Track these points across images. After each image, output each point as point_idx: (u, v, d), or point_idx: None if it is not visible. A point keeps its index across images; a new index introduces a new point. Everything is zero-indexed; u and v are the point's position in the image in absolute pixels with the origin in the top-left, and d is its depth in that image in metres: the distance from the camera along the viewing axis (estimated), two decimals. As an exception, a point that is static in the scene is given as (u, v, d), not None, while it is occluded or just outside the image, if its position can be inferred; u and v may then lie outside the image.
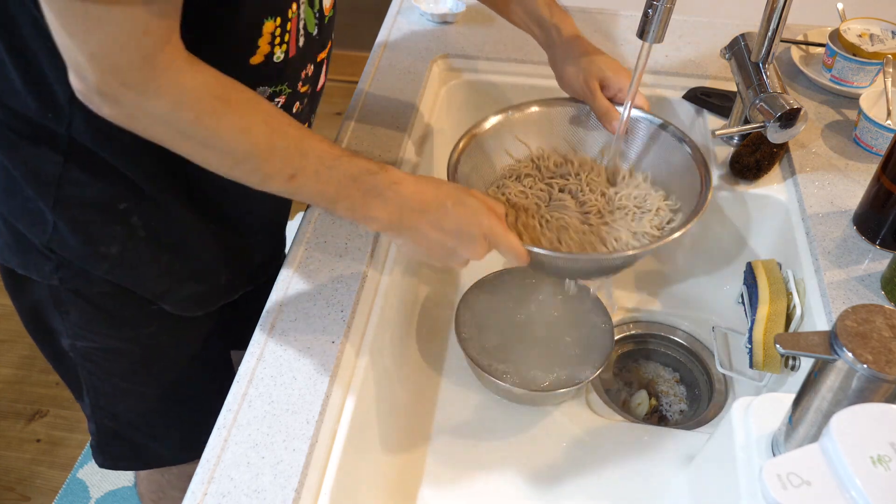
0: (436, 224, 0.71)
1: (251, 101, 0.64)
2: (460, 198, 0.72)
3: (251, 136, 0.63)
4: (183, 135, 0.62)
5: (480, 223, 0.71)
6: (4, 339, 1.92)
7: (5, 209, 0.76)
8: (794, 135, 0.92)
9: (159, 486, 1.08)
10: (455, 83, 1.17)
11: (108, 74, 0.57)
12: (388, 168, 0.70)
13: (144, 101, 0.59)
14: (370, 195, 0.68)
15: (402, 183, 0.70)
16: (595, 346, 0.92)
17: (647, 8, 0.78)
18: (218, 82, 0.62)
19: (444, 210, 0.71)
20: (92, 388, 0.90)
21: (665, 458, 0.87)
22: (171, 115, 0.61)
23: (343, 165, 0.67)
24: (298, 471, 0.66)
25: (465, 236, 0.71)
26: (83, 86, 0.59)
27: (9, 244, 0.79)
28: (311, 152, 0.66)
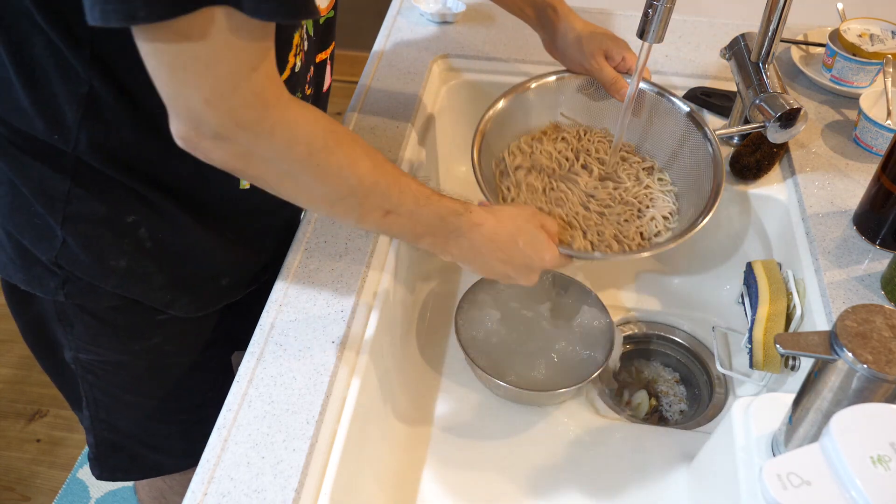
0: (505, 260, 0.77)
1: (354, 138, 0.66)
2: (532, 235, 0.78)
3: (357, 172, 0.65)
4: (290, 173, 0.63)
5: (543, 259, 0.78)
6: (4, 340, 1.92)
7: (11, 225, 0.76)
8: (794, 135, 0.93)
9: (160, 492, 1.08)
10: (455, 83, 1.17)
11: (226, 117, 0.57)
12: (472, 209, 0.75)
13: (258, 141, 0.60)
14: (453, 235, 0.74)
15: (483, 224, 0.75)
16: (595, 346, 0.92)
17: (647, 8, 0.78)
18: (325, 118, 0.64)
19: (516, 248, 0.77)
20: (93, 400, 0.90)
21: (665, 458, 0.87)
22: (285, 151, 0.61)
23: (433, 205, 0.71)
24: (298, 471, 0.66)
25: (527, 270, 0.79)
26: (196, 133, 0.58)
27: (13, 260, 0.78)
28: (407, 190, 0.69)
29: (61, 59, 0.64)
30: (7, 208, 0.75)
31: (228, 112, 0.57)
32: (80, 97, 0.66)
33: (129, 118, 0.68)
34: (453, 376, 0.96)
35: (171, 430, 0.95)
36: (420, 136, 1.04)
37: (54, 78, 0.65)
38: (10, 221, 0.75)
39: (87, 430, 0.93)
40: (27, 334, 0.88)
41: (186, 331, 0.88)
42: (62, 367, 0.89)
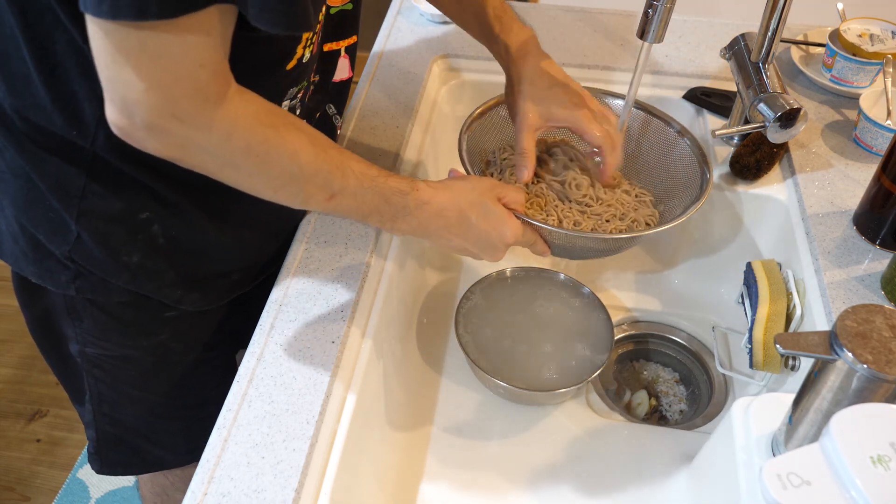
0: (460, 235, 0.76)
1: (296, 126, 0.66)
2: (485, 208, 0.76)
3: (298, 160, 0.65)
4: (230, 164, 0.63)
5: (502, 234, 0.77)
6: (4, 339, 1.92)
7: (26, 219, 0.76)
8: (794, 135, 0.93)
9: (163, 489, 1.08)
10: (455, 83, 1.17)
11: (161, 108, 0.57)
12: (419, 187, 0.74)
13: (195, 134, 0.59)
14: (400, 214, 0.73)
15: (430, 202, 0.74)
16: (595, 346, 0.92)
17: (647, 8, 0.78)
18: (266, 110, 0.64)
19: (469, 224, 0.75)
20: (97, 394, 0.90)
21: (665, 458, 0.87)
22: (222, 146, 0.61)
23: (378, 186, 0.71)
24: (298, 471, 0.66)
25: (487, 246, 0.77)
26: (127, 122, 0.58)
27: (25, 253, 0.78)
28: (350, 173, 0.69)
29: (82, 56, 0.64)
30: (22, 202, 0.75)
31: (165, 103, 0.57)
32: (100, 95, 0.66)
33: None
34: (453, 376, 0.96)
35: (173, 425, 0.96)
36: (420, 136, 1.04)
37: (75, 75, 0.66)
38: (24, 215, 0.76)
39: (88, 424, 0.93)
40: (34, 326, 0.89)
41: (193, 328, 0.89)
42: (66, 360, 0.89)
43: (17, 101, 0.69)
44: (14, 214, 0.77)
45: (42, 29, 0.64)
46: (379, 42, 1.20)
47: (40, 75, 0.66)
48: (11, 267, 0.82)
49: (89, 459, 0.97)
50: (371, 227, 0.87)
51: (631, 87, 0.88)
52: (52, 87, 0.67)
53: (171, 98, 0.57)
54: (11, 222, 0.78)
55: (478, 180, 0.79)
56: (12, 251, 0.80)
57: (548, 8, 1.27)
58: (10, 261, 0.81)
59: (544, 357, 0.91)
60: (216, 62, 0.58)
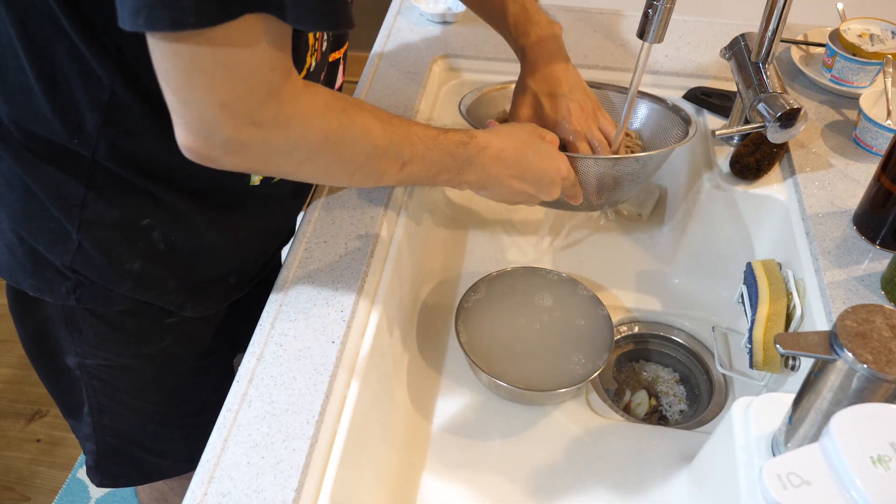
0: (519, 177, 0.79)
1: (360, 105, 0.67)
2: (537, 146, 0.80)
3: (371, 139, 0.66)
4: (308, 159, 0.64)
5: (558, 168, 0.81)
6: (4, 340, 1.92)
7: (25, 230, 0.75)
8: (794, 135, 0.93)
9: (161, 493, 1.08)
10: (455, 83, 1.17)
11: (240, 119, 0.57)
12: (475, 135, 0.77)
13: (274, 136, 0.60)
14: (465, 166, 0.76)
15: (489, 146, 0.77)
16: (595, 346, 0.92)
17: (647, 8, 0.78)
18: (333, 96, 0.65)
19: (527, 162, 0.79)
20: (96, 406, 0.89)
21: (665, 458, 0.87)
22: (301, 140, 0.62)
23: (441, 143, 0.73)
24: (298, 471, 0.66)
25: (544, 182, 0.81)
26: (205, 143, 0.58)
27: (23, 265, 0.77)
28: (417, 139, 0.71)
29: (84, 65, 0.64)
30: (21, 213, 0.74)
31: (245, 113, 0.57)
32: (101, 103, 0.66)
33: (150, 123, 0.68)
34: (453, 376, 0.96)
35: (173, 433, 0.95)
36: (420, 136, 1.04)
37: (76, 84, 0.65)
38: (23, 226, 0.75)
39: (87, 437, 0.92)
40: (28, 341, 0.88)
41: (194, 334, 0.89)
42: (62, 373, 0.88)
43: (16, 111, 0.68)
44: (11, 226, 0.76)
45: (42, 37, 0.63)
46: (379, 42, 1.20)
47: (40, 84, 0.66)
48: (7, 281, 0.81)
49: (88, 473, 0.96)
50: (371, 227, 0.87)
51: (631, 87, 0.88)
52: (53, 96, 0.66)
53: (250, 107, 0.57)
54: (8, 234, 0.77)
55: (519, 125, 0.83)
56: (8, 264, 0.79)
57: (548, 8, 1.27)
58: (6, 274, 0.80)
59: (544, 357, 0.91)
60: (284, 62, 0.58)
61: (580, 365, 0.90)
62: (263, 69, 0.56)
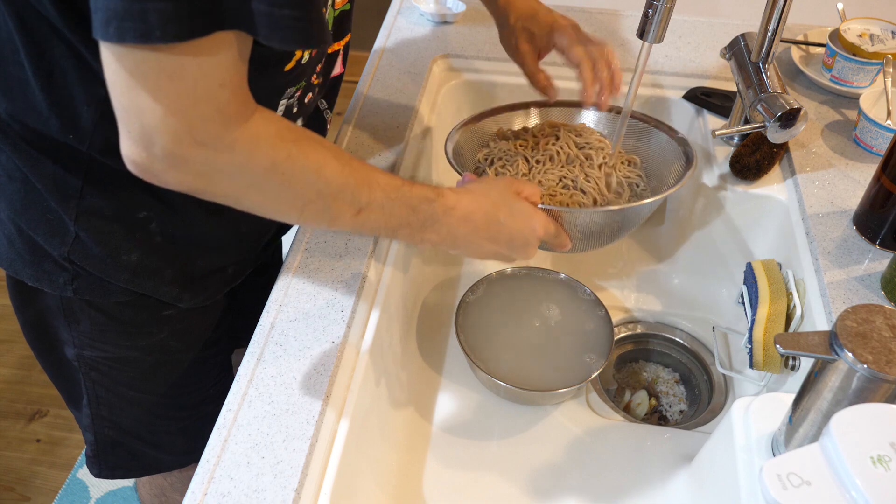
0: (490, 238, 0.74)
1: (317, 141, 0.64)
2: (511, 207, 0.75)
3: (324, 175, 0.63)
4: (254, 186, 0.61)
5: (533, 229, 0.76)
6: (4, 340, 1.92)
7: (23, 221, 0.76)
8: (794, 135, 0.93)
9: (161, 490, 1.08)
10: (455, 83, 1.17)
11: (181, 134, 0.54)
12: (444, 193, 0.72)
13: (217, 157, 0.57)
14: (428, 223, 0.71)
15: (456, 207, 0.72)
16: (595, 346, 0.92)
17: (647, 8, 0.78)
18: (287, 127, 0.62)
19: (498, 224, 0.74)
20: (94, 397, 0.90)
21: (665, 458, 0.87)
22: (246, 166, 0.59)
23: (404, 196, 0.69)
24: (298, 471, 0.66)
25: (518, 243, 0.76)
26: (146, 154, 0.56)
27: (22, 256, 0.78)
28: (376, 185, 0.67)
29: (82, 62, 0.64)
30: (20, 204, 0.75)
31: (185, 129, 0.54)
32: (98, 99, 0.66)
33: None
34: (453, 376, 0.96)
35: (172, 426, 0.96)
36: (420, 137, 1.04)
37: (73, 80, 0.65)
38: (22, 217, 0.76)
39: (86, 428, 0.93)
40: (28, 331, 0.89)
41: (191, 326, 0.89)
42: (62, 364, 0.89)
43: (13, 105, 0.69)
44: (10, 217, 0.77)
45: (40, 33, 0.64)
46: (379, 42, 1.20)
47: (37, 80, 0.66)
48: (6, 271, 0.82)
49: (87, 463, 0.97)
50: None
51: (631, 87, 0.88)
52: (49, 92, 0.67)
53: (192, 121, 0.54)
54: (7, 225, 0.78)
55: (494, 180, 0.79)
56: (8, 255, 0.79)
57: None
58: (6, 265, 0.81)
59: (544, 357, 0.91)
60: (236, 81, 0.56)
61: (580, 365, 0.90)
62: (212, 85, 0.54)
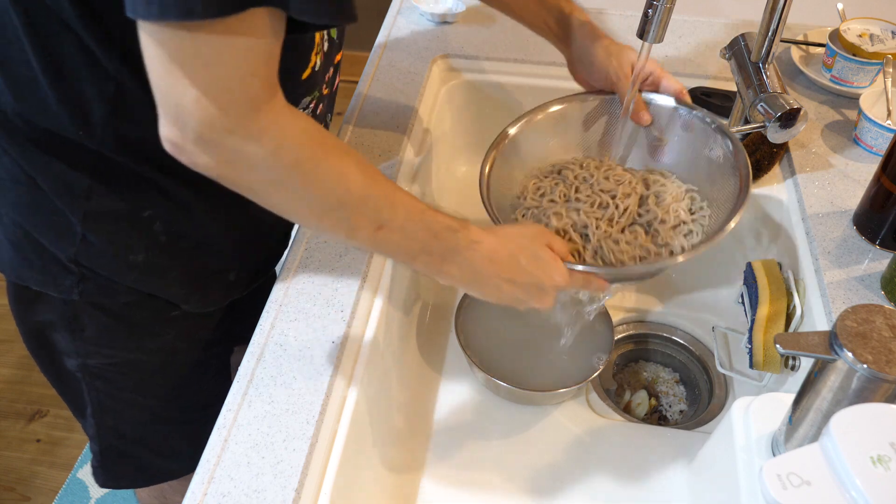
0: (509, 280, 0.72)
1: (344, 149, 0.64)
2: (535, 253, 0.73)
3: (347, 183, 0.62)
4: (277, 182, 0.61)
5: (552, 278, 0.73)
6: (4, 340, 1.92)
7: (29, 224, 0.76)
8: (794, 135, 0.92)
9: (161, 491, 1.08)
10: (455, 83, 1.17)
11: (213, 118, 0.56)
12: (469, 226, 0.71)
13: (245, 146, 0.58)
14: (449, 254, 0.69)
15: (481, 242, 0.71)
16: (595, 346, 0.92)
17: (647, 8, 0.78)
18: (315, 128, 0.62)
19: (518, 267, 0.72)
20: (98, 406, 0.89)
21: (665, 458, 0.87)
22: (271, 159, 0.59)
23: (427, 220, 0.68)
24: (298, 471, 0.66)
25: (535, 290, 0.74)
26: (179, 134, 0.57)
27: (27, 259, 0.78)
28: (399, 204, 0.66)
29: (91, 57, 0.64)
30: (25, 207, 0.75)
31: (216, 113, 0.56)
32: (108, 95, 0.66)
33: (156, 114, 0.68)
34: (453, 376, 0.96)
35: (176, 432, 0.95)
36: (420, 137, 1.04)
37: (83, 76, 0.66)
38: (28, 220, 0.76)
39: (92, 438, 0.93)
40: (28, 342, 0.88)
41: (197, 327, 0.89)
42: (63, 376, 0.89)
43: (22, 104, 0.69)
44: (15, 221, 0.77)
45: (48, 30, 0.64)
46: (379, 42, 1.20)
47: (46, 77, 0.66)
48: (9, 278, 0.81)
49: (93, 473, 0.96)
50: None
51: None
52: (59, 89, 0.67)
53: (223, 107, 0.55)
54: (12, 229, 0.77)
55: (526, 226, 0.78)
56: (12, 260, 0.79)
57: None
58: (9, 270, 0.80)
59: (544, 357, 0.91)
60: (267, 72, 0.57)
61: (580, 365, 0.90)
62: (244, 73, 0.55)
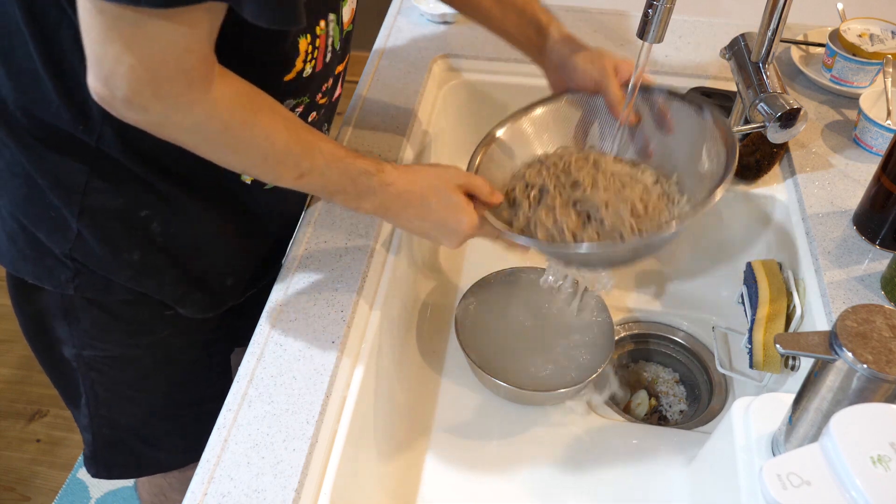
0: (418, 216, 0.78)
1: (273, 108, 0.68)
2: (445, 195, 0.78)
3: (272, 142, 0.67)
4: (206, 142, 0.66)
5: (459, 222, 0.78)
6: (4, 340, 1.92)
7: (25, 217, 0.76)
8: (794, 135, 0.92)
9: (161, 489, 1.08)
10: (455, 83, 1.17)
11: (143, 86, 0.58)
12: (385, 169, 0.75)
13: (174, 113, 0.61)
14: (364, 194, 0.75)
15: (394, 184, 0.76)
16: (595, 346, 0.92)
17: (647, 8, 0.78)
18: (245, 92, 0.65)
19: (427, 206, 0.77)
20: (93, 397, 0.89)
21: (665, 458, 0.87)
22: (201, 125, 0.63)
23: (345, 166, 0.73)
24: (298, 471, 0.66)
25: (445, 231, 0.79)
26: (108, 93, 0.59)
27: (23, 252, 0.78)
28: (319, 154, 0.71)
29: None
30: (22, 200, 0.75)
31: (148, 82, 0.58)
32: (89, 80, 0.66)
33: None
34: (453, 376, 0.96)
35: (170, 425, 0.96)
36: (420, 136, 1.04)
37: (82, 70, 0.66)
38: (24, 213, 0.76)
39: (84, 427, 0.93)
40: (27, 329, 0.88)
41: (193, 326, 0.89)
42: (60, 363, 0.89)
43: (23, 96, 0.69)
44: (12, 213, 0.77)
45: (48, 23, 0.64)
46: (379, 42, 1.20)
47: (47, 70, 0.67)
48: (7, 269, 0.82)
49: (85, 463, 0.97)
50: (371, 228, 0.87)
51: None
52: (60, 82, 0.67)
53: (155, 78, 0.58)
54: (9, 221, 0.78)
55: (444, 168, 0.80)
56: (9, 251, 0.80)
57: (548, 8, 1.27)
58: (7, 262, 0.81)
59: (544, 357, 0.91)
60: (203, 48, 0.59)
61: (580, 365, 0.90)
62: (179, 48, 0.57)
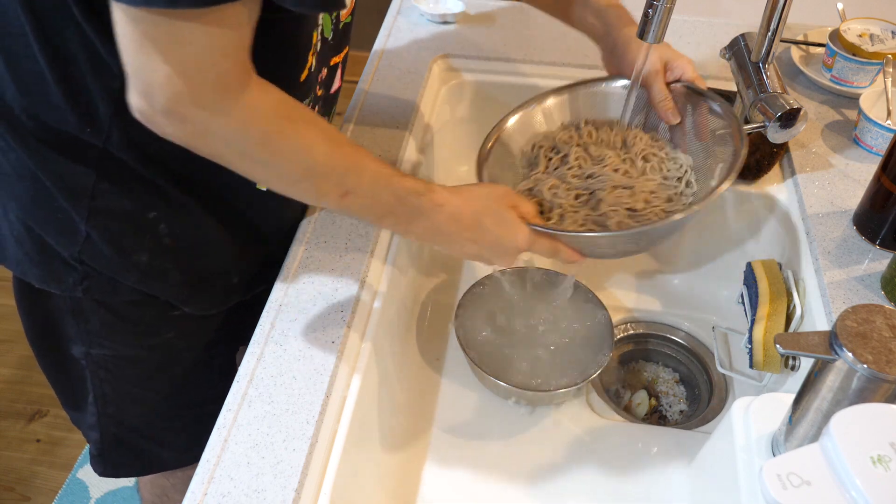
0: (472, 239, 0.76)
1: (313, 121, 0.66)
2: (499, 214, 0.76)
3: (313, 154, 0.65)
4: (245, 154, 0.64)
5: (515, 238, 0.76)
6: (4, 340, 1.92)
7: (32, 220, 0.76)
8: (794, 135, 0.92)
9: (163, 490, 1.08)
10: (455, 83, 1.17)
11: (182, 95, 0.57)
12: (434, 189, 0.73)
13: (213, 121, 0.60)
14: (414, 216, 0.72)
15: (445, 204, 0.73)
16: (595, 346, 0.92)
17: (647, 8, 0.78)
18: (284, 102, 0.64)
19: (482, 228, 0.75)
20: (101, 395, 0.90)
21: (665, 458, 0.87)
22: (238, 134, 0.62)
23: (393, 185, 0.70)
24: (298, 471, 0.66)
25: (499, 251, 0.77)
26: (148, 106, 0.59)
27: (30, 256, 0.78)
28: (365, 172, 0.69)
29: (95, 54, 0.65)
30: (29, 203, 0.75)
31: (186, 90, 0.57)
32: (112, 92, 0.67)
33: None
34: (453, 376, 0.96)
35: (176, 424, 0.96)
36: (420, 137, 1.04)
37: (87, 73, 0.66)
38: (32, 216, 0.76)
39: (91, 427, 0.93)
40: (32, 330, 0.88)
41: (198, 326, 0.89)
42: (67, 364, 0.89)
43: (29, 100, 0.69)
44: (19, 216, 0.77)
45: (54, 26, 0.64)
46: (379, 42, 1.20)
47: (53, 73, 0.66)
48: (14, 272, 0.82)
49: (91, 462, 0.97)
50: (371, 227, 0.87)
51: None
52: (66, 85, 0.67)
53: (194, 85, 0.57)
54: (16, 225, 0.78)
55: (493, 187, 0.80)
56: (16, 255, 0.79)
57: None
58: (13, 265, 0.80)
59: (544, 357, 0.91)
60: (239, 52, 0.59)
61: (580, 365, 0.90)
62: (217, 54, 0.57)
